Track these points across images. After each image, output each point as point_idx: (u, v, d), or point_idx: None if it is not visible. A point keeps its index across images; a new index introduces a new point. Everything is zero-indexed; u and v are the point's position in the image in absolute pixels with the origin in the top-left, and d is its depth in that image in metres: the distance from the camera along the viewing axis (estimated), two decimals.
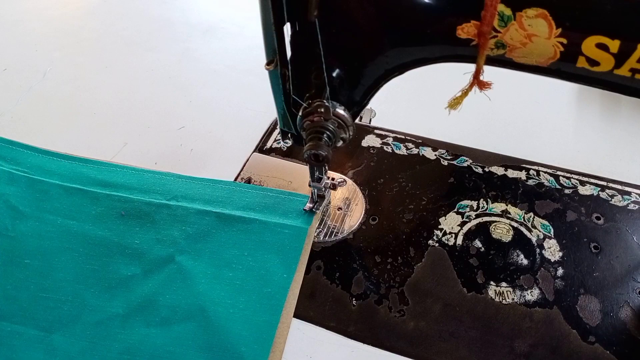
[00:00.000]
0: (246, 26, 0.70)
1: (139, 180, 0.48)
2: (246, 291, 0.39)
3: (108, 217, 0.45)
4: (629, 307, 0.39)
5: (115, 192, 0.46)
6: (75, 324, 0.38)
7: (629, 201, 0.46)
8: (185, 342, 0.37)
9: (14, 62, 0.63)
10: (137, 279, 0.40)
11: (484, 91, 0.34)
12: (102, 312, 0.39)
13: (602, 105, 0.58)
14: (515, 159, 0.50)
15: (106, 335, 0.38)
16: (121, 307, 0.39)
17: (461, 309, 0.39)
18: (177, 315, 0.38)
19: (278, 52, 0.33)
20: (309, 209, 0.45)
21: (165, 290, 0.40)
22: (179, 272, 0.41)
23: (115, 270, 0.41)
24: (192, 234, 0.43)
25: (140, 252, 0.42)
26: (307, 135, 0.37)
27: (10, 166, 0.49)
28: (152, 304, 0.39)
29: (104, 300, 0.39)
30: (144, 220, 0.44)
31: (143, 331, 0.38)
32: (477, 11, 0.29)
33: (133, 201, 0.46)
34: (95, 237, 0.43)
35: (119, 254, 0.42)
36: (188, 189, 0.47)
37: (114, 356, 0.36)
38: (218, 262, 0.41)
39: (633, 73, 0.28)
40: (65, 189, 0.47)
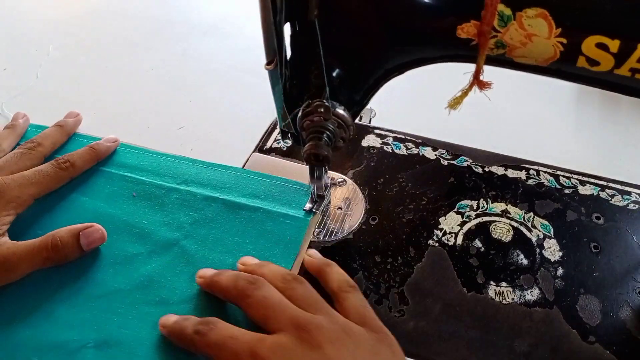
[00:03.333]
0: (246, 26, 0.70)
1: (152, 163, 0.50)
2: None
3: (119, 197, 0.46)
4: (629, 307, 0.39)
5: (129, 173, 0.48)
6: (78, 295, 0.40)
7: (629, 201, 0.46)
8: None
9: (13, 62, 0.63)
10: (141, 258, 0.42)
11: (484, 91, 0.34)
12: (105, 286, 0.40)
13: (602, 105, 0.58)
14: (515, 159, 0.50)
15: (107, 308, 0.39)
16: (123, 283, 0.40)
17: (461, 309, 0.39)
18: (176, 296, 0.39)
19: (278, 52, 0.33)
20: (309, 209, 0.45)
21: (167, 272, 0.41)
22: (182, 255, 0.42)
23: (121, 247, 0.43)
24: (198, 220, 0.45)
25: (147, 232, 0.44)
26: (307, 135, 0.37)
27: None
28: (153, 284, 0.40)
29: (107, 275, 0.41)
30: (153, 202, 0.46)
31: (142, 308, 0.39)
32: (477, 11, 0.29)
33: (145, 183, 0.48)
34: (105, 214, 0.45)
35: (127, 233, 0.44)
36: (198, 173, 0.49)
37: (113, 328, 0.37)
38: (221, 249, 0.43)
39: (633, 73, 0.28)
40: None
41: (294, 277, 0.36)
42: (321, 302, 0.35)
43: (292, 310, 0.33)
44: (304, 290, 0.35)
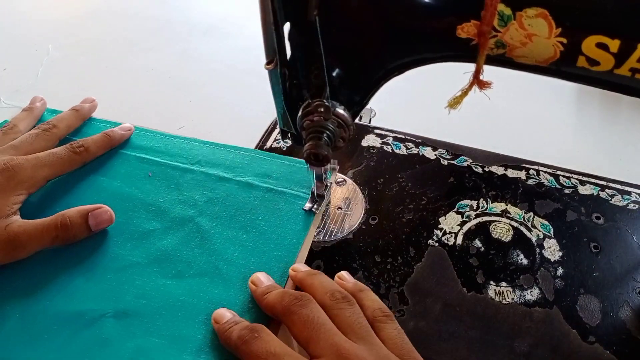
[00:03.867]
0: (246, 26, 0.70)
1: (167, 144, 0.51)
2: (258, 253, 0.42)
3: (136, 177, 0.48)
4: (629, 307, 0.39)
5: (144, 155, 0.50)
6: (96, 269, 0.41)
7: (628, 201, 0.46)
8: (197, 294, 0.39)
9: (14, 62, 0.63)
10: (157, 234, 0.43)
11: (484, 91, 0.34)
12: (123, 260, 0.42)
13: (602, 105, 0.58)
14: (515, 159, 0.50)
15: (125, 280, 0.40)
16: (140, 257, 0.42)
17: (461, 309, 0.39)
18: (192, 270, 0.41)
19: (278, 52, 0.33)
20: (309, 209, 0.45)
21: (183, 247, 0.42)
22: (197, 231, 0.43)
23: (138, 224, 0.44)
24: (212, 198, 0.46)
25: (163, 210, 0.45)
26: (307, 135, 0.37)
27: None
28: (169, 258, 0.42)
29: (125, 250, 0.42)
30: (169, 182, 0.48)
31: (159, 281, 0.40)
32: (477, 11, 0.29)
33: (160, 164, 0.49)
34: (122, 193, 0.47)
35: (143, 210, 0.45)
36: (211, 154, 0.50)
37: (130, 299, 0.39)
38: (234, 225, 0.44)
39: (633, 73, 0.28)
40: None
41: (344, 295, 0.35)
42: (366, 328, 0.33)
43: (334, 336, 0.32)
44: (351, 313, 0.34)
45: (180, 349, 0.36)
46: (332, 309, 0.34)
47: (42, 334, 0.37)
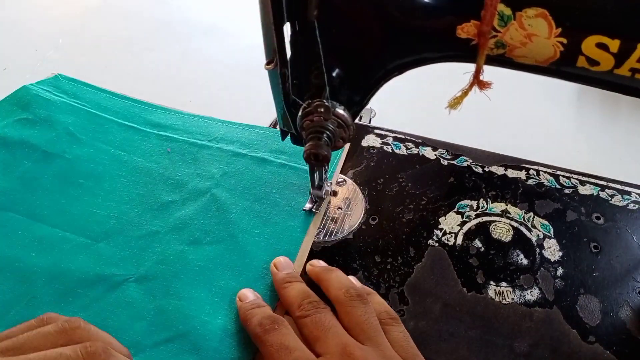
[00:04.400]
0: (246, 26, 0.70)
1: (185, 123, 0.54)
2: (272, 223, 0.45)
3: (155, 152, 0.51)
4: (629, 307, 0.39)
5: (163, 132, 0.53)
6: (119, 236, 0.44)
7: (629, 201, 0.46)
8: (214, 261, 0.42)
9: (14, 62, 0.63)
10: (176, 205, 0.46)
11: (484, 91, 0.34)
12: (143, 229, 0.45)
13: (602, 105, 0.58)
14: (515, 159, 0.50)
15: (145, 247, 0.43)
16: (160, 226, 0.45)
17: (461, 309, 0.39)
18: (209, 237, 0.44)
19: (278, 52, 0.33)
20: (309, 209, 0.45)
21: (200, 216, 0.45)
22: (214, 202, 0.46)
23: (158, 196, 0.47)
24: (228, 172, 0.49)
25: (181, 183, 0.48)
26: (307, 135, 0.37)
27: (71, 99, 0.56)
28: (187, 226, 0.44)
29: (145, 219, 0.45)
30: (186, 157, 0.50)
31: (177, 247, 0.43)
32: (477, 11, 0.29)
33: (178, 140, 0.52)
34: (142, 167, 0.49)
35: (162, 183, 0.48)
36: (227, 131, 0.53)
37: (150, 265, 0.42)
38: (249, 197, 0.47)
39: (633, 73, 0.28)
40: (119, 125, 0.54)
41: (358, 293, 0.36)
42: (375, 329, 0.34)
43: (342, 337, 0.33)
44: (363, 311, 0.35)
45: (198, 310, 0.39)
46: (346, 305, 0.35)
47: (68, 296, 0.40)
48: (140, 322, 0.38)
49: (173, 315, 0.39)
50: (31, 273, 0.41)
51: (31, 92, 0.55)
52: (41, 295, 0.40)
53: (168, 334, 0.38)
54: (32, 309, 0.39)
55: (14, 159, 0.50)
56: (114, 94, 0.57)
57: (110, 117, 0.54)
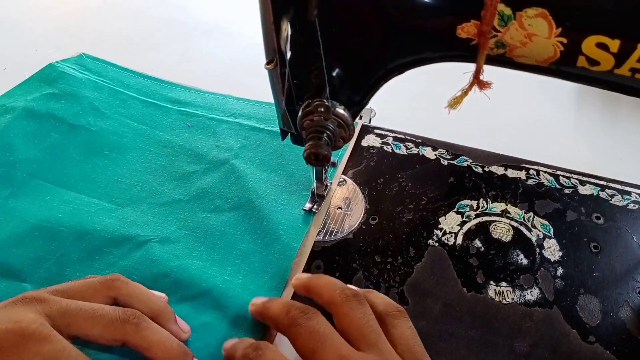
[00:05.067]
0: (246, 26, 0.70)
1: (204, 100, 0.57)
2: (288, 191, 0.47)
3: (176, 127, 0.54)
4: (629, 307, 0.39)
5: (183, 108, 0.56)
6: (143, 202, 0.46)
7: (629, 201, 0.46)
8: (234, 225, 0.44)
9: (14, 62, 0.63)
10: (197, 175, 0.49)
11: (484, 91, 0.34)
12: (166, 196, 0.47)
13: (602, 105, 0.58)
14: (515, 159, 0.50)
15: (168, 213, 0.46)
16: (182, 194, 0.47)
17: (461, 309, 0.39)
18: (229, 204, 0.46)
19: (278, 52, 0.33)
20: (309, 209, 0.45)
21: (220, 185, 0.48)
22: (233, 171, 0.49)
23: (179, 166, 0.50)
24: (246, 145, 0.52)
25: (202, 154, 0.51)
26: (307, 135, 0.37)
27: (96, 77, 0.59)
28: (208, 195, 0.47)
29: (168, 188, 0.48)
30: (206, 130, 0.53)
31: (199, 214, 0.45)
32: (477, 11, 0.29)
33: (198, 115, 0.55)
34: (164, 140, 0.52)
35: (184, 155, 0.51)
36: (245, 108, 0.56)
37: (173, 229, 0.44)
38: (266, 168, 0.49)
39: (633, 73, 0.28)
40: (142, 102, 0.57)
41: (354, 293, 0.33)
42: (376, 332, 0.32)
43: (341, 346, 0.30)
44: (362, 313, 0.32)
45: (219, 270, 0.41)
46: (343, 307, 0.33)
47: (94, 254, 0.42)
48: (164, 280, 0.40)
49: (196, 274, 0.40)
50: (59, 233, 0.43)
51: (57, 69, 0.58)
52: (69, 253, 0.42)
53: (192, 291, 0.40)
54: (61, 265, 0.41)
55: (42, 130, 0.52)
56: (136, 72, 0.60)
57: (133, 94, 0.57)
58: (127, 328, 0.32)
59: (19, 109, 0.53)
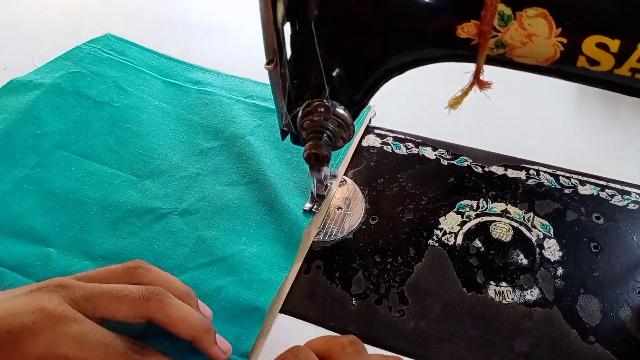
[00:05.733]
0: (246, 26, 0.70)
1: (222, 81, 0.59)
2: (300, 170, 0.49)
3: (195, 105, 0.56)
4: (629, 307, 0.39)
5: (202, 88, 0.58)
6: (163, 175, 0.49)
7: (628, 201, 0.46)
8: (249, 198, 0.47)
9: (13, 62, 0.63)
10: (214, 150, 0.51)
11: (484, 91, 0.34)
12: (186, 170, 0.49)
13: (602, 105, 0.58)
14: (515, 159, 0.50)
15: (187, 186, 0.48)
16: (201, 169, 0.49)
17: (461, 309, 0.39)
18: (244, 179, 0.48)
19: (278, 52, 0.33)
20: (309, 209, 0.45)
21: (236, 160, 0.50)
22: (248, 147, 0.50)
23: (198, 142, 0.52)
24: (262, 124, 0.53)
25: (219, 131, 0.53)
26: (307, 134, 0.37)
27: (119, 57, 0.62)
28: (225, 170, 0.49)
29: (187, 162, 0.50)
30: (224, 109, 0.55)
31: (217, 187, 0.48)
32: (477, 11, 0.29)
33: (216, 95, 0.57)
34: (184, 118, 0.55)
35: (202, 132, 0.53)
36: (261, 91, 0.58)
37: (192, 201, 0.47)
38: (280, 147, 0.51)
39: (633, 72, 0.28)
40: (163, 81, 0.59)
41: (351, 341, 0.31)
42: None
43: None
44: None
45: (235, 239, 0.43)
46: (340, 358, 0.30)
47: (117, 224, 0.45)
48: (183, 249, 0.43)
49: (213, 243, 0.43)
50: (84, 203, 0.46)
51: (83, 50, 0.62)
52: (93, 222, 0.45)
53: (208, 258, 0.42)
54: (85, 233, 0.44)
55: (68, 105, 0.55)
56: (158, 53, 0.63)
57: (155, 74, 0.60)
58: (151, 305, 0.32)
59: (46, 85, 0.56)
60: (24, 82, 0.57)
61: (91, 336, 0.30)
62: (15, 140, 0.51)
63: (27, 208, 0.45)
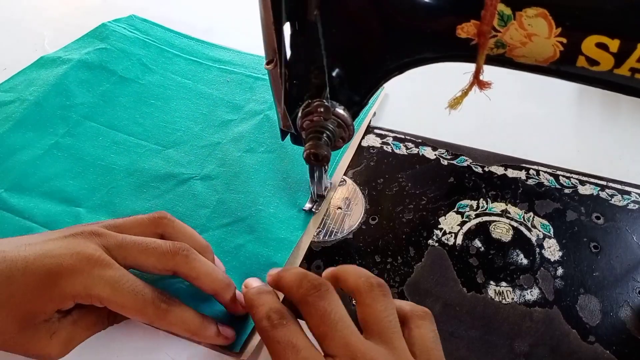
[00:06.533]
0: (246, 26, 0.70)
1: (242, 59, 0.62)
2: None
3: (216, 82, 0.59)
4: (629, 307, 0.39)
5: (223, 66, 0.61)
6: (186, 145, 0.52)
7: (628, 201, 0.46)
8: (267, 165, 0.49)
9: (13, 62, 0.63)
10: (234, 123, 0.54)
11: (484, 91, 0.34)
12: (206, 140, 0.53)
13: (602, 105, 0.58)
14: (515, 159, 0.50)
15: (208, 154, 0.51)
16: (220, 138, 0.53)
17: (461, 309, 0.39)
18: (262, 148, 0.51)
19: (278, 52, 0.33)
20: (309, 209, 0.45)
21: (255, 131, 0.52)
22: (267, 121, 0.53)
23: (219, 115, 0.55)
24: None
25: (239, 105, 0.56)
26: (307, 135, 0.37)
27: (143, 36, 0.65)
28: (244, 138, 0.52)
29: (208, 133, 0.53)
30: (243, 86, 0.58)
31: (236, 154, 0.51)
32: (477, 11, 0.29)
33: (236, 73, 0.60)
34: (205, 93, 0.58)
35: (223, 106, 0.56)
36: None
37: (213, 167, 0.50)
38: None
39: (633, 72, 0.28)
40: (185, 59, 0.62)
41: (379, 283, 0.32)
42: (394, 329, 0.31)
43: (351, 336, 0.30)
44: (384, 306, 0.31)
45: (253, 201, 0.46)
46: (366, 296, 0.32)
47: (142, 188, 0.48)
48: (204, 210, 0.46)
49: (232, 205, 0.46)
50: (111, 169, 0.49)
51: (109, 28, 0.65)
52: (120, 186, 0.48)
53: (228, 219, 0.45)
54: (113, 195, 0.47)
55: (95, 79, 0.58)
56: (180, 33, 0.66)
57: (177, 52, 0.63)
58: (177, 259, 0.34)
59: (74, 61, 0.59)
60: (53, 58, 0.61)
61: (124, 282, 0.32)
62: (46, 111, 0.54)
63: (57, 172, 0.49)
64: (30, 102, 0.54)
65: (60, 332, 0.33)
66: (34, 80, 0.58)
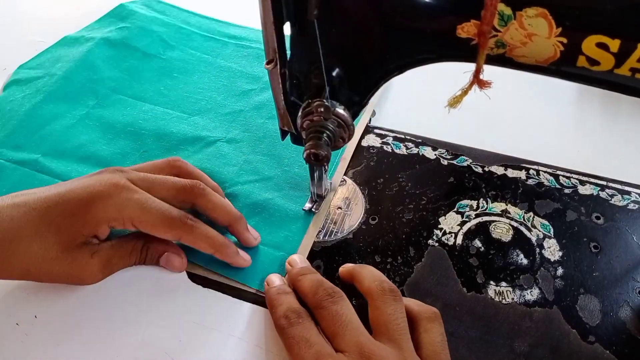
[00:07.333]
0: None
1: (258, 36, 0.61)
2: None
3: (234, 56, 0.63)
4: (629, 307, 0.39)
5: (239, 42, 0.65)
6: (210, 112, 0.55)
7: (628, 201, 0.46)
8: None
9: (13, 62, 0.63)
10: (255, 92, 0.57)
11: (484, 90, 0.34)
12: (229, 108, 0.56)
13: (602, 104, 0.58)
14: (515, 159, 0.50)
15: (232, 120, 0.54)
16: (242, 106, 0.56)
17: (461, 309, 0.39)
18: None
19: (278, 52, 0.33)
20: (308, 209, 0.45)
21: None
22: None
23: (239, 86, 0.58)
24: None
25: (257, 77, 0.59)
26: (307, 134, 0.37)
27: (163, 16, 0.69)
28: (265, 107, 0.55)
29: (230, 102, 0.56)
30: (260, 59, 0.61)
31: (259, 120, 0.54)
32: (477, 10, 0.29)
33: (253, 48, 0.63)
34: (224, 66, 0.61)
35: (242, 77, 0.60)
36: None
37: (237, 132, 0.53)
38: None
39: (633, 72, 0.28)
40: (203, 36, 0.66)
41: (392, 288, 0.35)
42: (401, 331, 0.33)
43: (361, 336, 0.32)
44: (393, 310, 0.34)
45: (277, 162, 0.50)
46: (377, 299, 0.34)
47: (172, 150, 0.51)
48: (232, 167, 0.49)
49: (258, 165, 0.50)
50: (141, 135, 0.52)
51: (127, 8, 0.68)
52: (151, 150, 0.51)
53: (256, 176, 0.49)
54: (144, 159, 0.49)
55: (120, 56, 0.61)
56: (196, 13, 0.69)
57: (195, 30, 0.66)
58: (196, 191, 0.39)
59: (97, 39, 0.63)
60: (76, 37, 0.64)
61: (150, 203, 0.36)
62: (75, 84, 0.57)
63: (91, 139, 0.52)
64: (59, 77, 0.58)
65: (101, 252, 0.37)
66: (60, 57, 0.61)
